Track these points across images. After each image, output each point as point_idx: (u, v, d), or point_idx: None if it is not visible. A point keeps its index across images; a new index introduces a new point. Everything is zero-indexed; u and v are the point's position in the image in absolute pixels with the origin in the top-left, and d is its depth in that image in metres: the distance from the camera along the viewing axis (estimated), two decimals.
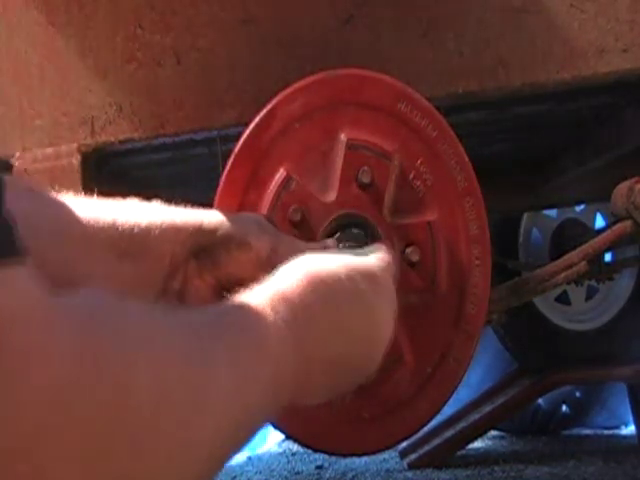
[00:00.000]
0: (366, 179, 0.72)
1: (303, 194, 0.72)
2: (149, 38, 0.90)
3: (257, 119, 0.74)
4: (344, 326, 0.54)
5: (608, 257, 1.61)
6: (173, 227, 0.60)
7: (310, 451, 0.78)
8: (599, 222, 1.92)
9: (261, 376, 0.49)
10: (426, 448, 1.72)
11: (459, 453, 1.75)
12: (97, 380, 0.35)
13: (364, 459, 1.79)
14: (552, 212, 1.90)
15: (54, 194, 0.57)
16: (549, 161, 1.49)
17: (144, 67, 0.90)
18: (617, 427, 2.16)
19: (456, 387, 0.74)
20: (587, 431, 2.15)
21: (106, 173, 0.98)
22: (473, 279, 0.74)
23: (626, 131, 1.14)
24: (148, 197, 0.60)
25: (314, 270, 0.53)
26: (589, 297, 1.96)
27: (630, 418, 1.93)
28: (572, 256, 0.92)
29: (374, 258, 0.57)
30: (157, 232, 0.59)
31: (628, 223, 0.90)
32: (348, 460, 1.76)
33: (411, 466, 1.71)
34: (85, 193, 0.58)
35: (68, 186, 0.66)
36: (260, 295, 0.51)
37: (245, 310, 0.50)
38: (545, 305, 1.90)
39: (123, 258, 0.58)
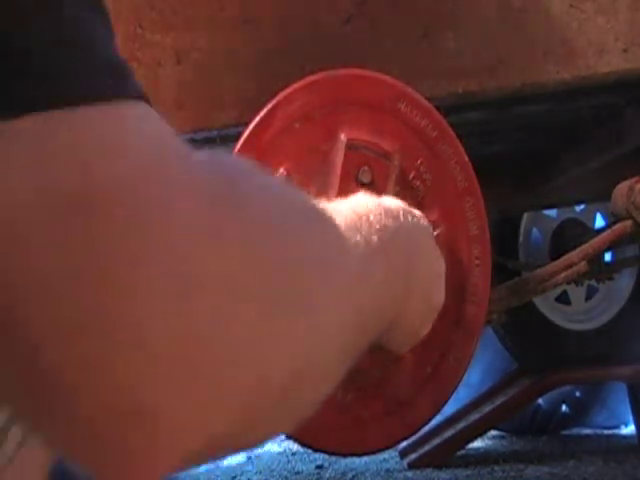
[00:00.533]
0: (366, 179, 0.72)
1: None
2: (149, 38, 0.90)
3: (257, 119, 0.74)
4: (431, 257, 0.61)
5: (608, 257, 1.61)
6: None
7: (310, 451, 0.78)
8: (599, 222, 1.92)
9: (376, 278, 0.50)
10: (426, 448, 1.72)
11: (459, 453, 1.75)
12: (229, 247, 0.34)
13: (364, 459, 1.79)
14: (552, 212, 1.90)
15: None
16: (549, 161, 1.49)
17: (144, 67, 0.90)
18: (617, 427, 2.16)
19: (456, 387, 0.74)
20: (587, 431, 2.15)
21: None
22: (473, 279, 0.74)
23: (626, 131, 1.14)
24: None
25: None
26: (589, 297, 1.96)
27: (630, 418, 1.93)
28: (572, 256, 0.92)
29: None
30: None
31: (628, 223, 0.90)
32: (348, 460, 1.76)
33: (411, 466, 1.71)
34: None
35: None
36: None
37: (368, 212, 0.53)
38: (545, 305, 1.90)
39: None
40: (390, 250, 0.53)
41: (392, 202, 0.60)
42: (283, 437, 0.71)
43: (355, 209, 0.53)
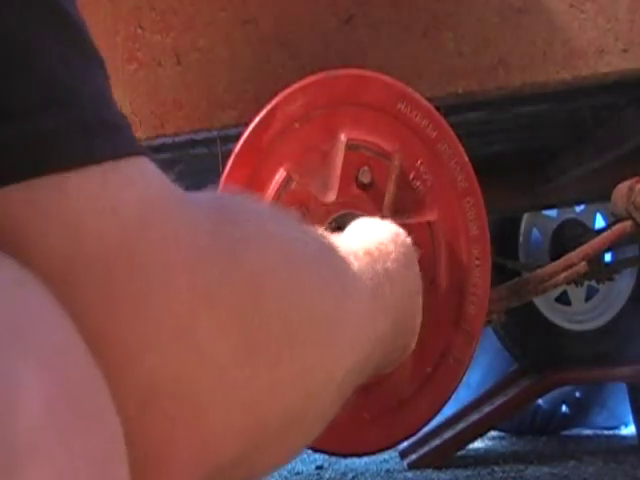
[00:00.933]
0: (366, 179, 0.72)
1: (303, 194, 0.72)
2: (149, 38, 0.90)
3: (257, 119, 0.74)
4: (413, 283, 0.63)
5: (608, 257, 1.61)
6: None
7: (310, 451, 0.78)
8: (599, 222, 1.92)
9: (389, 310, 0.51)
10: (426, 448, 1.72)
11: (459, 453, 1.75)
12: (235, 268, 0.35)
13: (364, 459, 1.79)
14: (552, 212, 1.90)
15: None
16: (549, 161, 1.49)
17: (144, 67, 0.90)
18: (617, 427, 2.16)
19: (456, 387, 0.74)
20: (587, 431, 2.15)
21: None
22: (473, 279, 0.74)
23: (626, 131, 1.14)
24: None
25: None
26: (589, 297, 1.96)
27: (630, 418, 1.93)
28: (572, 256, 0.92)
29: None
30: None
31: (628, 223, 0.90)
32: (348, 460, 1.76)
33: (411, 466, 1.70)
34: None
35: None
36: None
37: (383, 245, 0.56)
38: (545, 305, 1.90)
39: None
40: (393, 295, 0.54)
41: (385, 230, 0.60)
42: None
43: (366, 247, 0.53)
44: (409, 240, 0.63)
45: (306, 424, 0.43)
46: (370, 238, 0.58)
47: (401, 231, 0.63)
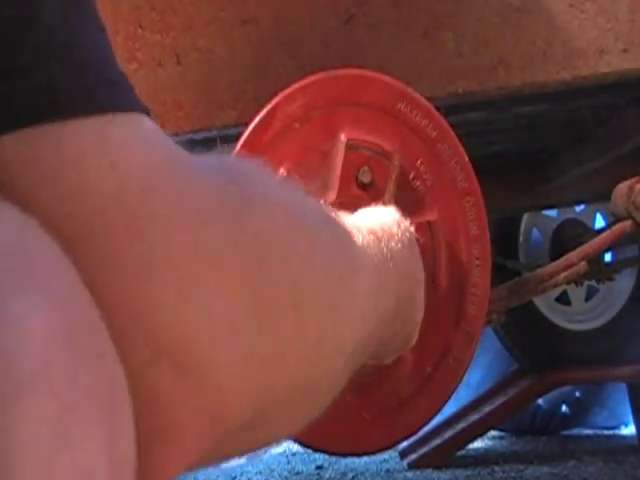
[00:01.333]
0: (366, 179, 0.72)
1: None
2: (149, 38, 0.90)
3: (257, 119, 0.74)
4: (417, 272, 0.63)
5: (608, 257, 1.61)
6: None
7: (310, 451, 0.78)
8: (599, 222, 1.92)
9: (391, 288, 0.51)
10: (426, 448, 1.72)
11: (459, 453, 1.75)
12: (240, 230, 0.35)
13: (364, 459, 1.79)
14: (552, 212, 1.90)
15: None
16: (549, 161, 1.49)
17: (144, 67, 0.90)
18: (617, 427, 2.16)
19: (456, 387, 0.74)
20: (587, 431, 2.14)
21: None
22: (473, 279, 0.74)
23: (626, 131, 1.14)
24: None
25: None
26: (589, 297, 1.96)
27: (630, 418, 1.93)
28: (572, 256, 0.92)
29: None
30: None
31: (628, 223, 0.90)
32: (348, 460, 1.76)
33: (411, 466, 1.70)
34: None
35: None
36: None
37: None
38: (545, 305, 1.90)
39: None
40: (396, 276, 0.54)
41: (388, 215, 0.61)
42: None
43: (370, 227, 0.53)
44: (412, 228, 0.63)
45: (316, 394, 0.43)
46: (374, 220, 0.58)
47: (403, 219, 0.63)
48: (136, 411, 0.28)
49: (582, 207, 1.90)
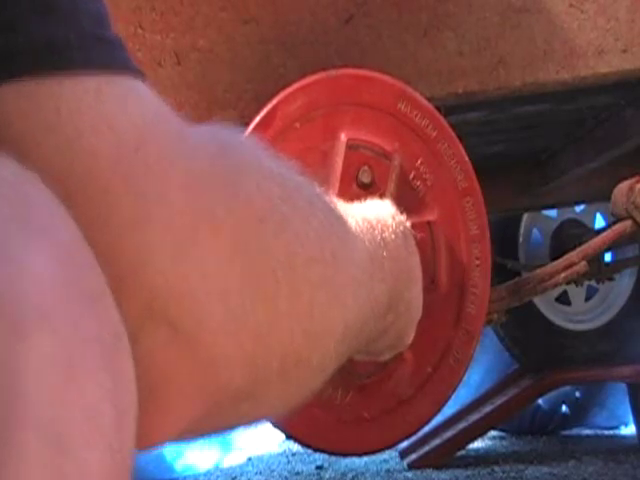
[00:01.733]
0: (366, 179, 0.72)
1: None
2: (149, 38, 0.90)
3: (257, 119, 0.74)
4: (414, 267, 0.62)
5: (608, 257, 1.61)
6: None
7: (310, 451, 0.78)
8: (599, 222, 1.92)
9: (386, 277, 0.51)
10: (426, 448, 1.72)
11: (459, 453, 1.75)
12: (234, 194, 0.35)
13: (364, 459, 1.79)
14: (552, 212, 1.90)
15: None
16: (549, 161, 1.49)
17: (144, 67, 0.90)
18: (617, 427, 2.16)
19: (456, 387, 0.74)
20: (587, 431, 2.14)
21: None
22: (473, 279, 0.74)
23: (626, 131, 1.14)
24: None
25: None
26: (589, 297, 1.96)
27: (630, 418, 1.93)
28: (572, 256, 0.92)
29: None
30: None
31: (628, 223, 0.90)
32: (348, 460, 1.76)
33: (411, 466, 1.71)
34: None
35: None
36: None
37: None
38: (545, 305, 1.90)
39: None
40: (389, 266, 0.54)
41: (383, 208, 0.61)
42: (283, 438, 0.71)
43: (365, 216, 0.53)
44: (408, 223, 0.63)
45: (306, 373, 0.43)
46: (368, 210, 0.58)
47: (399, 213, 0.63)
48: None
49: (582, 207, 1.90)
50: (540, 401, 2.01)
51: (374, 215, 0.56)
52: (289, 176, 0.42)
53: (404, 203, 0.73)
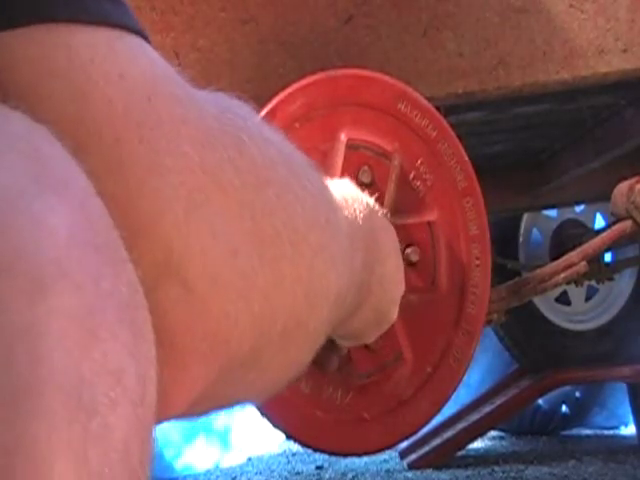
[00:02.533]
0: (366, 179, 0.72)
1: None
2: (149, 38, 0.90)
3: None
4: (394, 251, 0.62)
5: (608, 257, 1.61)
6: None
7: (310, 451, 0.78)
8: (599, 222, 1.92)
9: (356, 259, 0.52)
10: (426, 448, 1.72)
11: (459, 453, 1.75)
12: (240, 155, 0.35)
13: (364, 459, 1.79)
14: (552, 212, 1.90)
15: None
16: (549, 161, 1.49)
17: None
18: (617, 427, 2.16)
19: (456, 387, 0.74)
20: (587, 431, 2.15)
21: None
22: (473, 279, 0.74)
23: (626, 131, 1.14)
24: None
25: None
26: (589, 297, 1.96)
27: (630, 418, 1.93)
28: (572, 256, 0.92)
29: None
30: None
31: (628, 223, 0.90)
32: (348, 460, 1.76)
33: (411, 466, 1.71)
34: None
35: None
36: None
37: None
38: (545, 305, 1.90)
39: None
40: (368, 240, 0.54)
41: (351, 186, 0.62)
42: (283, 438, 0.70)
43: (343, 194, 0.54)
44: (372, 200, 0.62)
45: (304, 338, 0.44)
46: (336, 185, 0.58)
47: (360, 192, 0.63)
48: None
49: (582, 207, 1.90)
50: (540, 401, 2.01)
51: (342, 189, 0.57)
52: (286, 144, 0.43)
53: (404, 203, 0.73)
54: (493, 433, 2.05)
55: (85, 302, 0.23)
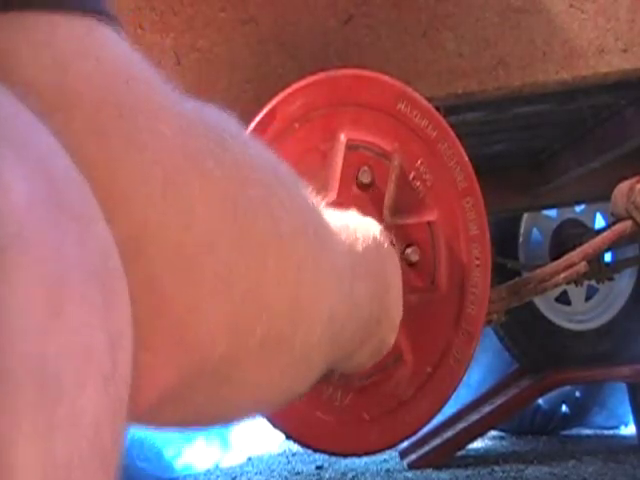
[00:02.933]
0: (366, 179, 0.72)
1: None
2: (149, 38, 0.90)
3: (257, 119, 0.74)
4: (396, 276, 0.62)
5: (608, 257, 1.61)
6: None
7: (310, 451, 0.78)
8: (599, 222, 1.92)
9: (364, 274, 0.50)
10: (426, 448, 1.72)
11: (459, 453, 1.75)
12: (223, 151, 0.35)
13: (364, 459, 1.79)
14: (552, 212, 1.90)
15: None
16: (549, 161, 1.49)
17: None
18: (617, 427, 2.16)
19: (456, 387, 0.74)
20: (587, 431, 2.15)
21: None
22: (473, 279, 0.74)
23: (626, 131, 1.14)
24: None
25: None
26: (589, 297, 1.96)
27: (630, 418, 1.93)
28: (572, 256, 0.91)
29: None
30: None
31: (628, 223, 0.90)
32: (348, 460, 1.76)
33: (411, 466, 1.70)
34: None
35: None
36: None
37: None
38: (545, 305, 1.90)
39: None
40: (374, 271, 0.53)
41: (372, 225, 0.60)
42: (283, 438, 0.70)
43: (347, 222, 0.53)
44: (379, 229, 0.62)
45: (291, 354, 0.41)
46: (339, 215, 0.57)
47: (372, 220, 0.62)
48: None
49: (582, 207, 1.90)
50: (540, 401, 2.01)
51: (346, 217, 0.56)
52: (271, 153, 0.42)
53: (404, 203, 0.73)
54: (493, 433, 2.05)
55: (48, 275, 0.21)
